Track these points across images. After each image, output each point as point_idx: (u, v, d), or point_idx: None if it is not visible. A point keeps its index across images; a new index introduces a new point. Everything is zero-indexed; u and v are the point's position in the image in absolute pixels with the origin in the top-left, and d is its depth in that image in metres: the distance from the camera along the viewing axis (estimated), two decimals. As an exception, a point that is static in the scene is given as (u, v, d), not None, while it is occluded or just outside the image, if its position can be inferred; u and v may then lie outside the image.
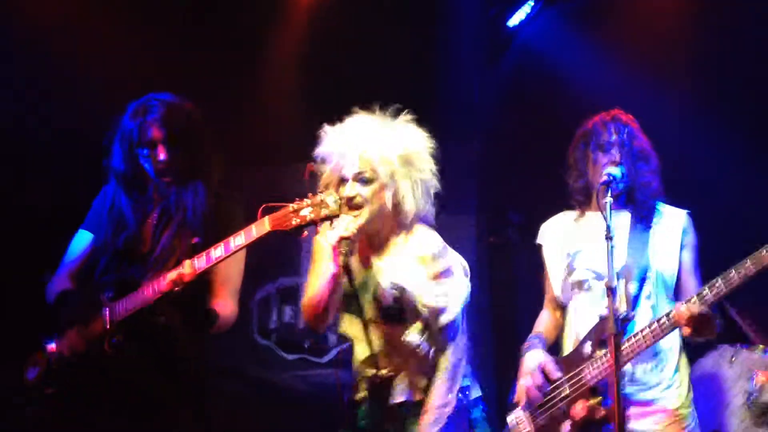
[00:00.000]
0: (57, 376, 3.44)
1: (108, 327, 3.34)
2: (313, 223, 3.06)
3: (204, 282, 3.43)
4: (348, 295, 3.36)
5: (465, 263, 3.45)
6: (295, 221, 3.04)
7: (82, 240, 3.67)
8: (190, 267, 3.23)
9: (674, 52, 5.04)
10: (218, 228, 3.40)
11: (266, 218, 3.10)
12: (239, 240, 3.18)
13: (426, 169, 3.33)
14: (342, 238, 3.18)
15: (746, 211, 4.69)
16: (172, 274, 3.24)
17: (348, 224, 3.17)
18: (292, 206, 3.06)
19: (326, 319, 3.36)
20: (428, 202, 3.37)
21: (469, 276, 3.43)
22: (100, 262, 3.56)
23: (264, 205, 3.11)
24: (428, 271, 3.29)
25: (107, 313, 3.37)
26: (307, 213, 3.03)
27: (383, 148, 3.27)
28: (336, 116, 3.40)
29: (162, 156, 3.50)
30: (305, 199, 3.05)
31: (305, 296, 3.41)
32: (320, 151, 3.35)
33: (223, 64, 5.48)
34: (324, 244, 3.31)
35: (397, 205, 3.29)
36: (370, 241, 3.39)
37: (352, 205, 3.23)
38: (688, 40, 4.99)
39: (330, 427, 3.49)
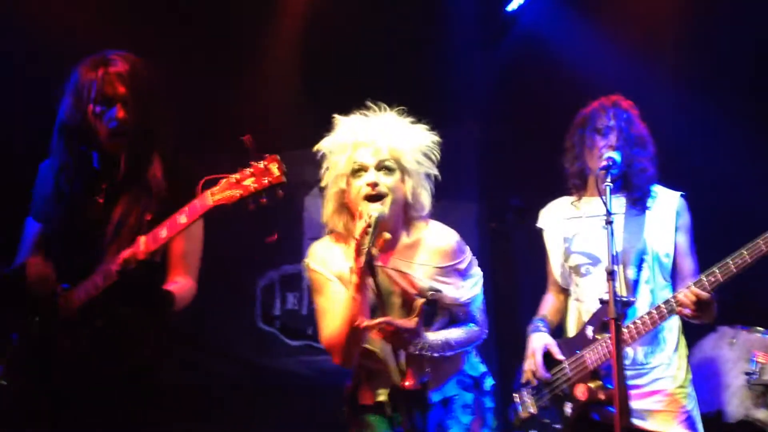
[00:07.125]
0: (16, 370, 3.24)
1: (62, 318, 3.16)
2: (257, 193, 2.85)
3: (155, 265, 3.15)
4: (372, 301, 3.10)
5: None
6: (237, 192, 2.86)
7: (32, 230, 3.44)
8: (144, 245, 3.00)
9: (674, 35, 5.02)
10: (174, 203, 3.09)
11: (207, 192, 2.91)
12: (183, 218, 2.98)
13: (434, 166, 3.25)
14: (366, 230, 2.94)
15: (744, 197, 4.68)
16: (125, 253, 3.01)
17: (370, 212, 3.01)
18: (234, 177, 2.87)
19: (363, 337, 3.10)
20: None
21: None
22: (52, 250, 3.30)
23: (204, 179, 2.91)
24: (456, 266, 3.21)
25: (62, 304, 3.17)
26: (249, 183, 2.84)
27: (408, 139, 3.18)
28: (334, 103, 3.31)
29: (120, 114, 3.19)
30: (246, 168, 2.86)
31: (328, 329, 3.14)
32: (332, 140, 3.20)
33: (220, 52, 5.48)
34: (322, 271, 3.20)
35: (413, 198, 3.19)
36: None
37: (373, 195, 3.09)
38: (689, 24, 4.96)
39: (335, 413, 3.49)
